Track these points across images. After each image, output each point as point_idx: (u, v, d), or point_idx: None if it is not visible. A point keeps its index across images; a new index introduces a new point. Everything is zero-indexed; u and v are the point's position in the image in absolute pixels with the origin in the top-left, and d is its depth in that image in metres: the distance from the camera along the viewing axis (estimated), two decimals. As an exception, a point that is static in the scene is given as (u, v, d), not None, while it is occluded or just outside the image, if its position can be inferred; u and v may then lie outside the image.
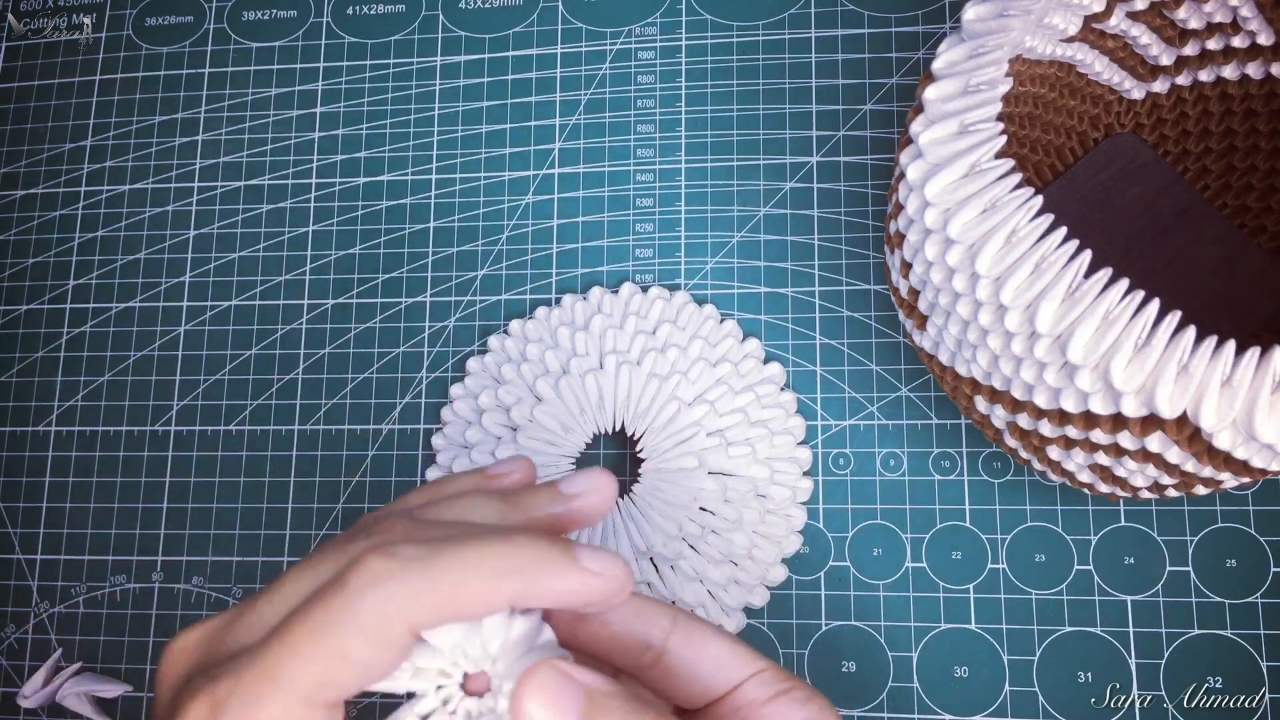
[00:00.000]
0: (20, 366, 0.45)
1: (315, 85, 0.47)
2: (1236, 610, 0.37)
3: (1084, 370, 0.25)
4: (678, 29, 0.45)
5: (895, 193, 0.31)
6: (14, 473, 0.44)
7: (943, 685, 0.37)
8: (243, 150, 0.46)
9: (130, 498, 0.43)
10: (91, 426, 0.44)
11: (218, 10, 0.49)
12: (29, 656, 0.42)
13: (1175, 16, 0.35)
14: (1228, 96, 0.37)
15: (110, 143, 0.47)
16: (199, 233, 0.46)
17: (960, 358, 0.30)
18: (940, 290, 0.29)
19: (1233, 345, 0.24)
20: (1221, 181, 0.39)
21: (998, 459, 0.39)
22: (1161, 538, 0.38)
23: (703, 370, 0.40)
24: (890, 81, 0.43)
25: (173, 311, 0.45)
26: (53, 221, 0.47)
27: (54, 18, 0.50)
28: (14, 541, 0.43)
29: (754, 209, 0.43)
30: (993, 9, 0.29)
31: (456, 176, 0.45)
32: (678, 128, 0.44)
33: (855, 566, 0.39)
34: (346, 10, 0.48)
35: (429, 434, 0.42)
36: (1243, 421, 0.24)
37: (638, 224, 0.43)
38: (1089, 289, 0.25)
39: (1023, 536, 0.38)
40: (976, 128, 0.27)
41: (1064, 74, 0.37)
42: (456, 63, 0.46)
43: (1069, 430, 0.28)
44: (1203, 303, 0.38)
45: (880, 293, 0.41)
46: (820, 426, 0.40)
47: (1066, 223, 0.39)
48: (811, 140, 0.43)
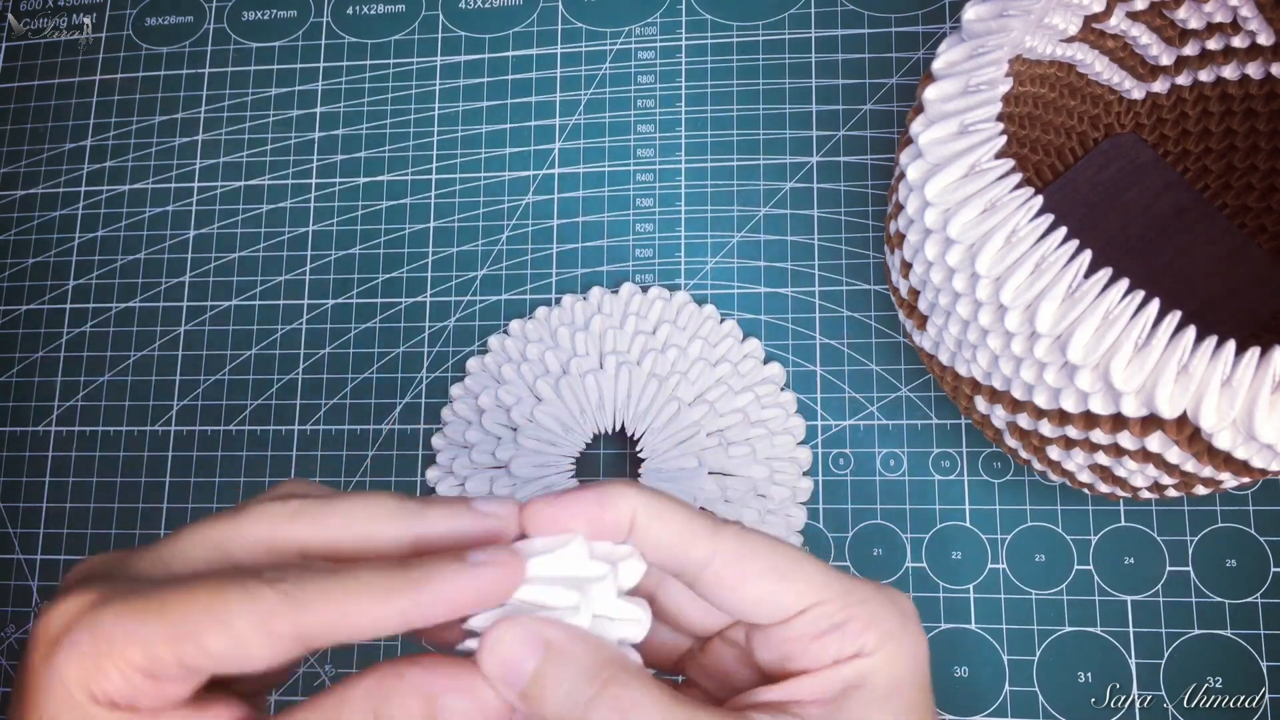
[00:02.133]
0: (20, 366, 0.45)
1: (315, 85, 0.47)
2: (1236, 610, 0.37)
3: (1084, 370, 0.25)
4: (678, 29, 0.45)
5: (895, 193, 0.31)
6: (14, 473, 0.44)
7: (943, 685, 0.37)
8: (243, 150, 0.46)
9: (130, 498, 0.43)
10: (91, 426, 0.44)
11: (218, 10, 0.49)
12: (29, 656, 0.42)
13: (1175, 16, 0.35)
14: (1228, 96, 0.37)
15: (110, 143, 0.47)
16: (199, 233, 0.46)
17: (960, 358, 0.30)
18: (940, 290, 0.29)
19: (1233, 345, 0.24)
20: (1221, 181, 0.39)
21: (998, 459, 0.39)
22: (1161, 538, 0.38)
23: (702, 370, 0.40)
24: (890, 81, 0.43)
25: (173, 311, 0.45)
26: (53, 221, 0.47)
27: (54, 18, 0.50)
28: (14, 541, 0.43)
29: (754, 209, 0.43)
30: (993, 9, 0.29)
31: (456, 176, 0.45)
32: (678, 128, 0.44)
33: (855, 566, 0.39)
34: (346, 10, 0.48)
35: (429, 434, 0.42)
36: (1243, 421, 0.24)
37: (638, 224, 0.43)
38: (1089, 289, 0.25)
39: (1023, 536, 0.38)
40: (976, 128, 0.27)
41: (1064, 74, 0.37)
42: (456, 63, 0.46)
43: (1069, 430, 0.28)
44: (1203, 303, 0.38)
45: (880, 293, 0.41)
46: (820, 426, 0.40)
47: (1066, 223, 0.39)
48: (811, 140, 0.43)
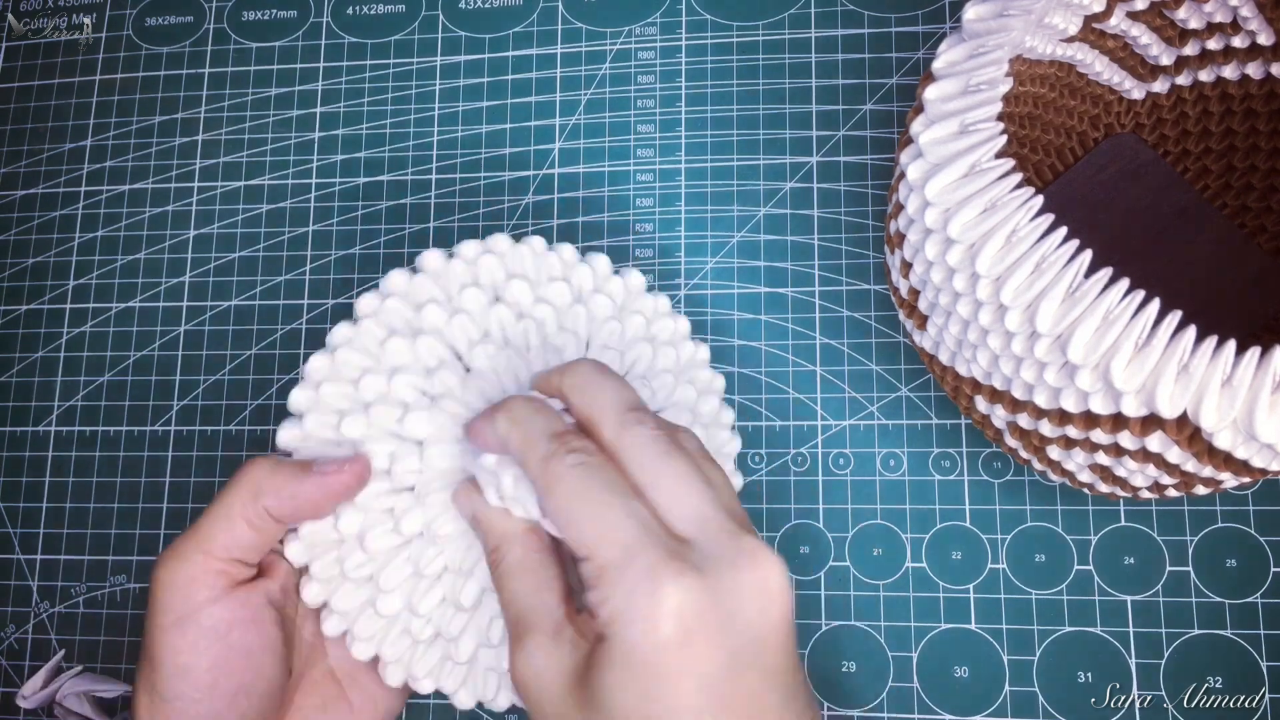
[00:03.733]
0: (20, 366, 0.45)
1: (315, 85, 0.47)
2: (1236, 610, 0.37)
3: (1084, 370, 0.25)
4: (678, 29, 0.45)
5: (895, 192, 0.31)
6: (14, 473, 0.44)
7: (943, 685, 0.37)
8: (243, 150, 0.46)
9: (130, 498, 0.43)
10: (91, 426, 0.44)
11: (218, 10, 0.49)
12: (29, 657, 0.42)
13: (1175, 16, 0.35)
14: (1228, 96, 0.37)
15: (110, 143, 0.47)
16: (199, 233, 0.46)
17: (960, 358, 0.30)
18: (940, 290, 0.29)
19: (1233, 345, 0.24)
20: (1221, 181, 0.39)
21: (998, 459, 0.39)
22: (1161, 538, 0.38)
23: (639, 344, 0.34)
24: (890, 81, 0.43)
25: (173, 311, 0.45)
26: (53, 221, 0.47)
27: (54, 18, 0.50)
28: (14, 541, 0.43)
29: (754, 209, 0.43)
30: (993, 9, 0.29)
31: (456, 176, 0.45)
32: (678, 128, 0.44)
33: (855, 566, 0.39)
34: (346, 10, 0.48)
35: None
36: (1243, 421, 0.24)
37: (638, 224, 0.43)
38: (1089, 289, 0.25)
39: (1023, 536, 0.38)
40: (977, 127, 0.27)
41: (1064, 74, 0.37)
42: (456, 63, 0.46)
43: (1069, 430, 0.28)
44: (1203, 303, 0.38)
45: (880, 293, 0.41)
46: (820, 426, 0.40)
47: (1067, 223, 0.39)
48: (811, 140, 0.43)
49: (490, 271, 0.32)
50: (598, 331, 0.33)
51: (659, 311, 0.35)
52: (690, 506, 0.25)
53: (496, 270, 0.32)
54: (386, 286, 0.31)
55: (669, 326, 0.35)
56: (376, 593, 0.30)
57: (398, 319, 0.31)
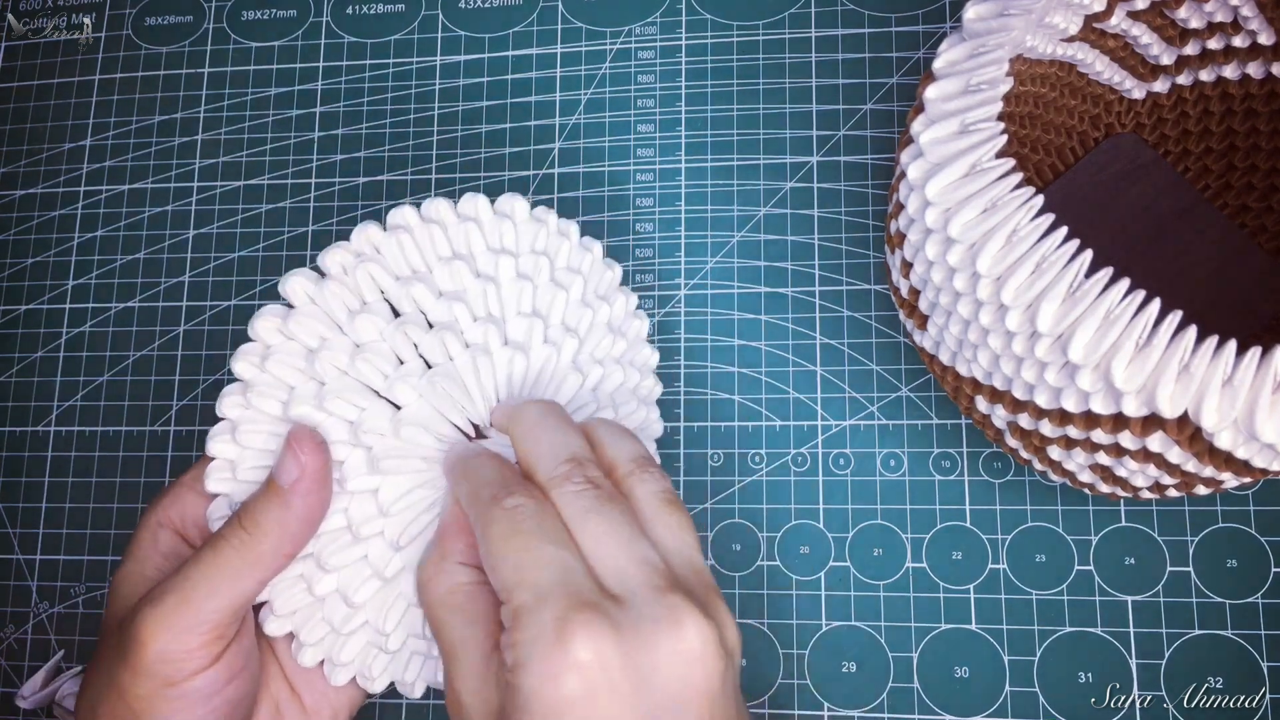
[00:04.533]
0: (20, 366, 0.45)
1: (315, 85, 0.47)
2: (1237, 610, 0.37)
3: (1085, 370, 0.25)
4: (678, 29, 0.45)
5: (896, 192, 0.31)
6: (14, 473, 0.44)
7: (943, 685, 0.37)
8: (243, 150, 0.46)
9: (130, 498, 0.43)
10: (91, 426, 0.44)
11: (217, 10, 0.49)
12: (29, 657, 0.42)
13: (1176, 16, 0.35)
14: (1228, 96, 0.37)
15: (110, 143, 0.47)
16: (199, 233, 0.46)
17: (961, 358, 0.30)
18: (941, 290, 0.29)
19: (1234, 345, 0.24)
20: (1222, 181, 0.39)
21: (998, 459, 0.39)
22: (1162, 538, 0.37)
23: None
24: (890, 81, 0.43)
25: (173, 311, 0.45)
26: (53, 221, 0.47)
27: (54, 18, 0.49)
28: (14, 541, 0.43)
29: (754, 209, 0.43)
30: (993, 8, 0.29)
31: (456, 176, 0.45)
32: (678, 128, 0.44)
33: (855, 566, 0.39)
34: (346, 10, 0.48)
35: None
36: (1244, 421, 0.24)
37: (638, 224, 0.43)
38: (1090, 289, 0.25)
39: (1023, 537, 0.38)
40: (977, 127, 0.27)
41: (1064, 73, 0.37)
42: (456, 63, 0.46)
43: (1070, 430, 0.28)
44: (1204, 303, 0.38)
45: (880, 293, 0.41)
46: (820, 426, 0.40)
47: (1067, 223, 0.39)
48: (811, 140, 0.43)
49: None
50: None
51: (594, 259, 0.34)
52: (615, 561, 0.24)
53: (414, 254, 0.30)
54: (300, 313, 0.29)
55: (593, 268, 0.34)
56: (338, 605, 0.29)
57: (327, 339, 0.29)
